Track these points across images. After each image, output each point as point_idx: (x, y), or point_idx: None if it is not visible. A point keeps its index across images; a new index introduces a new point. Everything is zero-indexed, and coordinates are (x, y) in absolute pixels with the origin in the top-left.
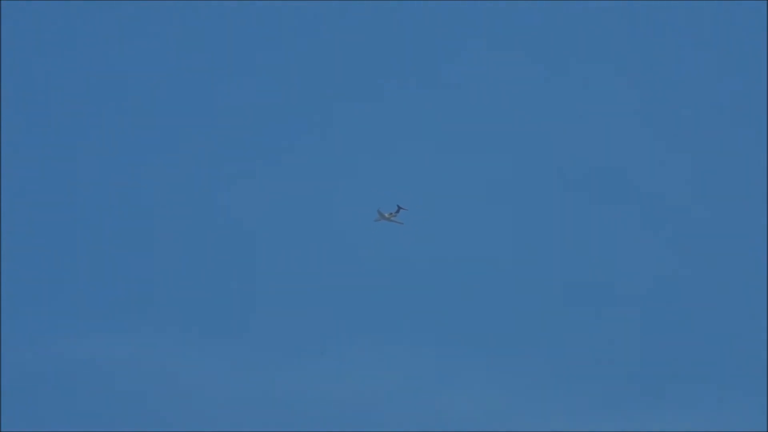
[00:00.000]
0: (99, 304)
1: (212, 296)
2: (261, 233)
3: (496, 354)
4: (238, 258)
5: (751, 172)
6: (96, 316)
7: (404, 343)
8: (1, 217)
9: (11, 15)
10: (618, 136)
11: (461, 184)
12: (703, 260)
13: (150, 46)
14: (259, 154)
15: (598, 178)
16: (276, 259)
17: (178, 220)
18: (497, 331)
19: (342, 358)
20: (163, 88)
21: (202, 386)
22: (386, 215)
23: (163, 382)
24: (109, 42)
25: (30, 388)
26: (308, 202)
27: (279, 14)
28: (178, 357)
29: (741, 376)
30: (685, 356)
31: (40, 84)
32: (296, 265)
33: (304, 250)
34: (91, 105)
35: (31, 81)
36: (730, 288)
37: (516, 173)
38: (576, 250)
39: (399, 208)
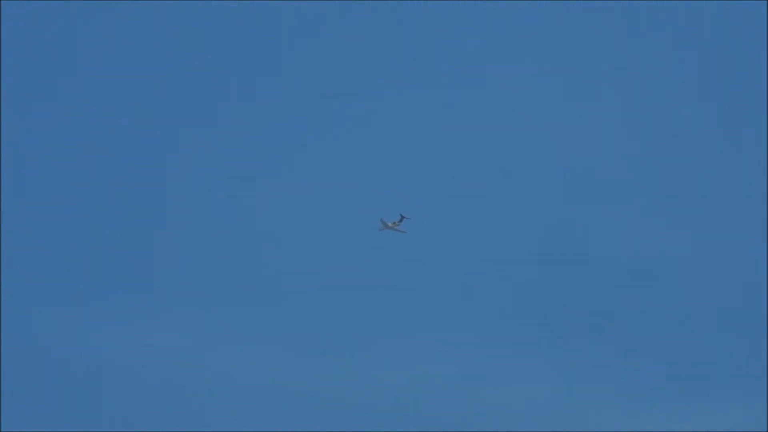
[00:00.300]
0: (122, 297)
1: (242, 292)
2: (287, 230)
3: (530, 348)
4: (265, 255)
5: (751, 172)
6: (120, 309)
7: (438, 338)
8: (2, 212)
9: (11, 15)
10: (618, 135)
11: (473, 182)
12: (703, 259)
13: (151, 46)
14: (273, 154)
15: (598, 177)
16: (305, 255)
17: (199, 218)
18: (532, 324)
19: (370, 355)
20: (164, 88)
21: (231, 382)
22: (389, 224)
23: (191, 378)
24: (109, 42)
25: (57, 380)
26: (330, 199)
27: (282, 14)
28: (207, 352)
29: (741, 376)
30: (685, 357)
31: (40, 84)
32: (327, 260)
33: (332, 245)
34: (92, 105)
35: (31, 81)
36: (730, 288)
37: (522, 173)
38: (578, 250)
39: (402, 217)
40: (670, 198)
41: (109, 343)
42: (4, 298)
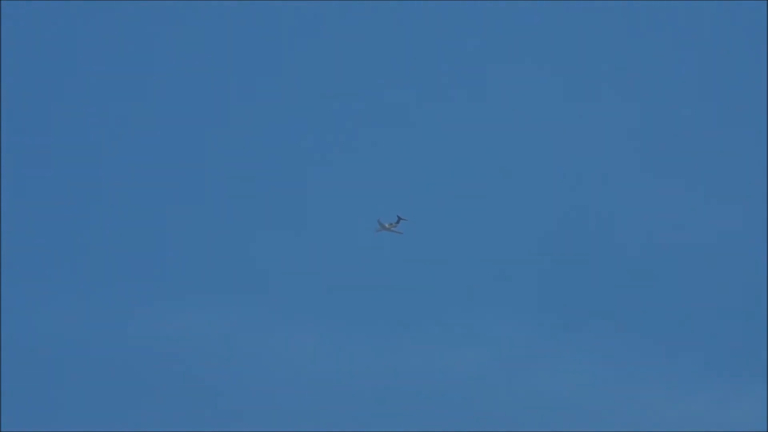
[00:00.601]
0: (132, 287)
1: (301, 275)
2: (340, 217)
3: (583, 331)
4: (318, 240)
5: (751, 172)
6: (131, 298)
7: (493, 319)
8: (4, 207)
9: (11, 15)
10: (618, 135)
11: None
12: (704, 260)
13: (152, 46)
14: (275, 154)
15: (601, 180)
16: (360, 237)
17: (210, 212)
18: (586, 307)
19: (430, 335)
20: (166, 87)
21: (293, 365)
22: (386, 225)
23: (251, 362)
24: (109, 42)
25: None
26: (336, 196)
27: (282, 15)
28: (266, 336)
29: (741, 374)
30: (724, 343)
31: (40, 84)
32: (383, 241)
33: (353, 238)
34: (94, 106)
35: (31, 81)
36: (730, 289)
37: (521, 172)
38: (592, 242)
39: (399, 218)
40: (670, 199)
41: (119, 331)
42: (8, 290)
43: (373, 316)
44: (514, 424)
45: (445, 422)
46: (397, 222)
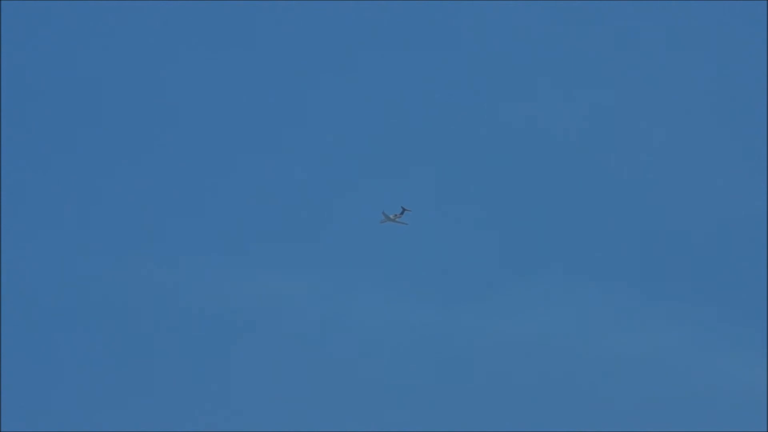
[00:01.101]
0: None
1: (370, 238)
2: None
3: (661, 296)
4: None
5: (751, 172)
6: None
7: (570, 284)
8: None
9: (11, 15)
10: (618, 135)
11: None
12: (704, 260)
13: (152, 46)
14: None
15: (604, 181)
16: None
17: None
18: (662, 271)
19: (507, 299)
20: (164, 87)
21: (375, 327)
22: (391, 217)
23: (333, 324)
24: (109, 43)
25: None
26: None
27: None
28: (341, 298)
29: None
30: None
31: (40, 84)
32: (462, 207)
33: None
34: (97, 106)
35: (31, 81)
36: (730, 289)
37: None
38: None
39: (403, 210)
40: (670, 199)
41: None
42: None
43: (451, 283)
44: (592, 387)
45: (523, 387)
46: (402, 213)
